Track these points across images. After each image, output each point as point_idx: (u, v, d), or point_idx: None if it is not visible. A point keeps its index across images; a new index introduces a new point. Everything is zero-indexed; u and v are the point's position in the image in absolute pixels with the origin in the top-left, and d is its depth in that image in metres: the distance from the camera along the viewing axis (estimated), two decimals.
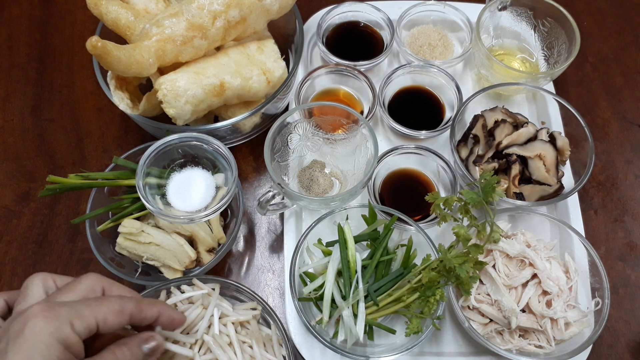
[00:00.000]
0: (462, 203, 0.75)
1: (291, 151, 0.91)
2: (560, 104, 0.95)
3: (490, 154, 0.91)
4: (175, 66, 0.84)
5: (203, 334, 0.71)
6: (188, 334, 0.71)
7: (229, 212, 0.91)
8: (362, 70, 0.99)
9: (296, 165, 0.94)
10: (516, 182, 0.89)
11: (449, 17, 1.09)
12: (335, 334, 0.76)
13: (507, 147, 0.90)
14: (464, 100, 0.95)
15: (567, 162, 0.93)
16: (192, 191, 0.81)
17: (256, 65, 0.88)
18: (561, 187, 0.88)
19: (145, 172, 0.77)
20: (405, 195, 0.93)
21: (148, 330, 0.58)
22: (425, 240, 0.80)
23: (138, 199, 0.82)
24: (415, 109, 1.01)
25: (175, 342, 0.71)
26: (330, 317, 0.76)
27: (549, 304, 0.78)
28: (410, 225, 0.81)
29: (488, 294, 0.79)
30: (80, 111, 1.05)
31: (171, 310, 0.60)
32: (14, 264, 0.90)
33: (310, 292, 0.78)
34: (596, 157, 0.99)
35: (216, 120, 0.96)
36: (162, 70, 0.86)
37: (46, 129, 1.03)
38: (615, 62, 1.13)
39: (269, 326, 0.77)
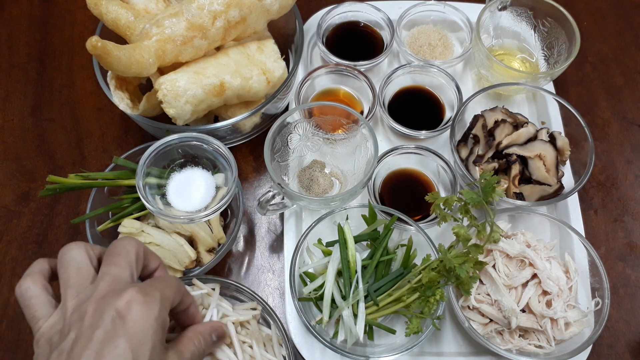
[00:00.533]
0: (462, 203, 0.75)
1: (291, 151, 0.91)
2: (560, 104, 0.95)
3: (490, 154, 0.91)
4: (175, 66, 0.84)
5: None
6: None
7: (229, 212, 0.91)
8: (362, 70, 0.99)
9: (296, 165, 0.94)
10: (516, 182, 0.89)
11: (449, 17, 1.09)
12: (335, 334, 0.76)
13: (507, 147, 0.90)
14: (464, 100, 0.95)
15: (567, 162, 0.93)
16: (192, 191, 0.81)
17: (256, 65, 0.88)
18: (561, 187, 0.88)
19: (145, 172, 0.77)
20: (405, 195, 0.93)
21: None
22: (425, 240, 0.80)
23: (138, 199, 0.82)
24: (415, 109, 1.01)
25: None
26: (330, 317, 0.76)
27: (549, 304, 0.78)
28: (410, 225, 0.81)
29: (488, 294, 0.79)
30: (80, 111, 1.05)
31: (197, 306, 0.62)
32: (14, 264, 0.90)
33: (310, 292, 0.78)
34: (596, 157, 0.99)
35: (216, 120, 0.96)
36: (162, 70, 0.86)
37: (46, 129, 1.03)
38: (615, 62, 1.13)
39: (269, 326, 0.77)
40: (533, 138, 0.91)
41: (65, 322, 0.50)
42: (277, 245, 0.93)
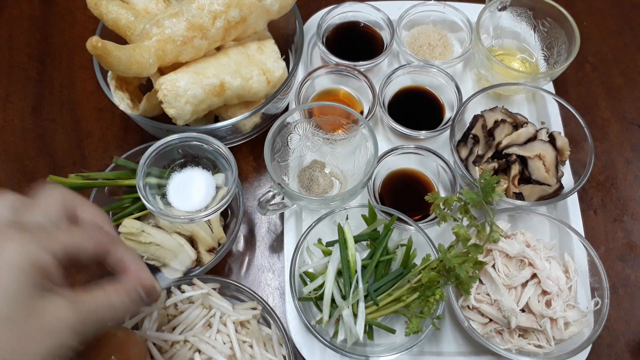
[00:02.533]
0: (462, 203, 0.75)
1: (291, 151, 0.91)
2: (560, 104, 0.95)
3: (490, 154, 0.91)
4: (176, 66, 0.84)
5: (199, 333, 0.71)
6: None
7: (229, 212, 0.91)
8: (362, 70, 0.99)
9: (296, 165, 0.94)
10: (516, 182, 0.89)
11: (448, 17, 1.09)
12: (335, 333, 0.77)
13: (507, 147, 0.90)
14: (463, 100, 0.95)
15: (567, 162, 0.93)
16: (192, 191, 0.81)
17: (256, 66, 0.88)
18: (561, 187, 0.88)
19: (145, 172, 0.77)
20: (405, 195, 0.93)
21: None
22: (425, 240, 0.80)
23: (138, 199, 0.82)
24: (415, 109, 1.01)
25: (176, 342, 0.72)
26: (330, 316, 0.76)
27: (548, 304, 0.78)
28: (410, 225, 0.81)
29: (488, 294, 0.79)
30: (81, 111, 1.05)
31: (140, 262, 0.54)
32: None
33: (310, 292, 0.78)
34: (596, 157, 0.99)
35: (216, 120, 0.96)
36: (162, 71, 0.86)
37: (46, 129, 1.03)
38: (615, 62, 1.13)
39: (269, 326, 0.78)
40: (533, 138, 0.91)
41: None
42: (277, 245, 0.93)
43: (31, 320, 0.43)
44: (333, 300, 0.77)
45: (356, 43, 1.08)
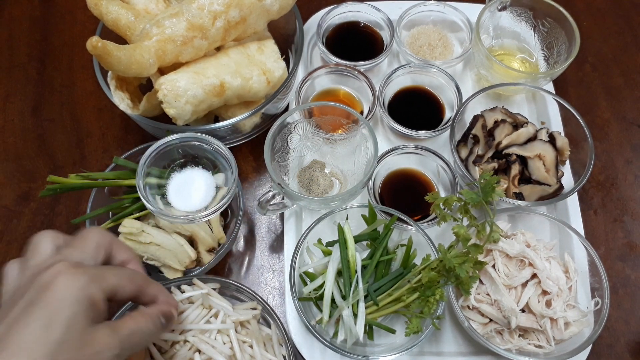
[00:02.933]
0: (462, 203, 0.75)
1: (291, 151, 0.91)
2: (560, 104, 0.95)
3: (490, 154, 0.91)
4: (176, 66, 0.84)
5: (198, 333, 0.71)
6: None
7: (229, 212, 0.91)
8: (362, 70, 0.99)
9: (296, 165, 0.94)
10: (516, 182, 0.89)
11: (448, 17, 1.09)
12: (335, 333, 0.77)
13: (507, 147, 0.90)
14: (463, 100, 0.95)
15: (567, 162, 0.93)
16: (192, 191, 0.81)
17: (256, 66, 0.88)
18: (561, 187, 0.88)
19: (145, 172, 0.77)
20: (405, 195, 0.93)
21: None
22: (425, 240, 0.80)
23: (138, 199, 0.82)
24: (415, 109, 1.01)
25: (176, 342, 0.72)
26: (330, 317, 0.76)
27: (548, 304, 0.78)
28: (410, 225, 0.81)
29: (488, 294, 0.79)
30: (81, 111, 1.05)
31: (167, 293, 0.62)
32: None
33: (310, 292, 0.78)
34: (596, 157, 0.99)
35: (216, 120, 0.96)
36: (162, 71, 0.86)
37: (46, 129, 1.03)
38: (615, 62, 1.13)
39: (269, 326, 0.78)
40: (533, 138, 0.91)
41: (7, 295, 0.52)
42: (277, 245, 0.93)
43: (85, 347, 0.49)
44: (333, 300, 0.77)
45: (356, 43, 1.08)
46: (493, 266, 0.80)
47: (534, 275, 0.79)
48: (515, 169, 0.89)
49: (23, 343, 0.46)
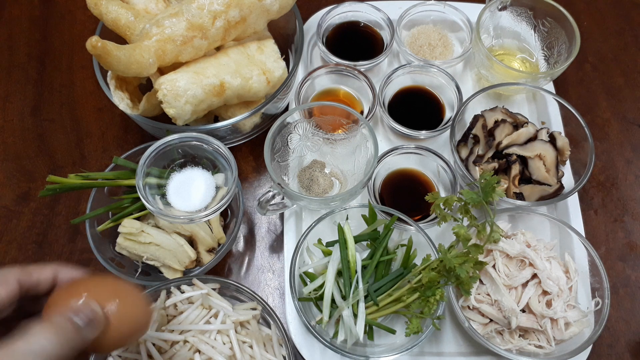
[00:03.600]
0: (462, 203, 0.75)
1: (291, 151, 0.91)
2: (560, 104, 0.95)
3: (490, 154, 0.91)
4: (175, 66, 0.84)
5: (197, 333, 0.71)
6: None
7: (229, 212, 0.91)
8: (362, 70, 0.99)
9: (296, 165, 0.93)
10: (516, 182, 0.89)
11: (449, 17, 1.09)
12: (335, 334, 0.76)
13: (507, 147, 0.90)
14: (464, 100, 0.95)
15: (567, 162, 0.93)
16: (192, 191, 0.81)
17: (256, 65, 0.88)
18: (561, 187, 0.88)
19: (145, 172, 0.77)
20: (405, 195, 0.93)
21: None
22: (425, 240, 0.80)
23: (138, 199, 0.82)
24: (415, 109, 1.01)
25: (175, 342, 0.71)
26: (330, 317, 0.76)
27: (549, 304, 0.78)
28: (410, 225, 0.81)
29: (488, 294, 0.79)
30: (80, 111, 1.05)
31: (69, 268, 0.48)
32: (14, 264, 0.90)
33: (310, 292, 0.78)
34: (596, 157, 0.99)
35: (216, 120, 0.96)
36: (162, 70, 0.86)
37: (46, 129, 1.03)
38: (615, 62, 1.13)
39: (269, 326, 0.77)
40: (533, 138, 0.91)
41: None
42: (277, 245, 0.93)
43: None
44: (333, 301, 0.77)
45: (356, 43, 1.08)
46: (493, 266, 0.80)
47: (535, 276, 0.79)
48: (515, 169, 0.88)
49: None
